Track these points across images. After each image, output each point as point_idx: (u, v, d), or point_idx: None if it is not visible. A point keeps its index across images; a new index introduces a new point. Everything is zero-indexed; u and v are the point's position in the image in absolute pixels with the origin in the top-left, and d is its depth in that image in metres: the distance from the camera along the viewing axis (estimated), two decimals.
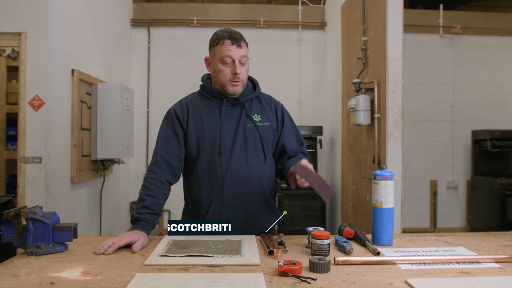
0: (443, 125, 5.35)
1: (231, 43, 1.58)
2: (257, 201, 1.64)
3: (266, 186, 1.67)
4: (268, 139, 1.68)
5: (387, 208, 1.43)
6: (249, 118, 1.66)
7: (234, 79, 1.60)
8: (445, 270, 1.16)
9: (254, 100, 1.73)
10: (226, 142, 1.61)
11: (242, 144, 1.63)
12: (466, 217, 5.40)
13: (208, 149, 1.61)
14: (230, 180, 1.60)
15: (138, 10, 5.31)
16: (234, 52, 1.58)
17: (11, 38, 2.98)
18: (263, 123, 1.68)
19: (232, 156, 1.61)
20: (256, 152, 1.65)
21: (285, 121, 1.77)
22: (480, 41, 5.37)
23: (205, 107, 1.68)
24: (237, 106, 1.68)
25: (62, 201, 3.22)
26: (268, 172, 1.69)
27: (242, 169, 1.61)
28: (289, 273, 1.08)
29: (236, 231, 1.59)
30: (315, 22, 5.38)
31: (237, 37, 1.60)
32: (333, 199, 4.95)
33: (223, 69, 1.61)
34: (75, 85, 3.40)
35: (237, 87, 1.63)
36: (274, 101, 1.80)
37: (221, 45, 1.59)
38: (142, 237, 1.41)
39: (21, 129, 2.95)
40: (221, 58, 1.60)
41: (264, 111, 1.71)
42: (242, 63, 1.61)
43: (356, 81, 3.54)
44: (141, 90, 5.24)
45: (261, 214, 1.66)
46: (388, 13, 3.10)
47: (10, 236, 1.30)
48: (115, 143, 3.78)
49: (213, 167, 1.61)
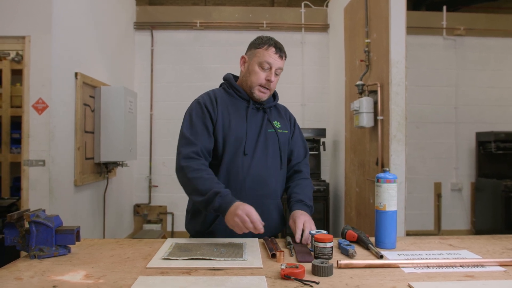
0: (447, 127, 5.33)
1: (275, 51, 1.62)
2: (271, 205, 1.66)
3: (279, 192, 1.70)
4: (285, 146, 1.71)
5: (391, 211, 1.42)
6: (270, 124, 1.69)
7: (265, 86, 1.63)
8: (449, 274, 1.15)
9: (273, 108, 1.77)
10: (250, 143, 1.62)
11: (263, 147, 1.64)
12: (471, 219, 5.37)
13: (233, 147, 1.60)
14: (250, 181, 1.60)
15: (141, 13, 5.33)
16: (274, 60, 1.62)
17: (15, 41, 3.00)
18: (282, 131, 1.71)
19: (254, 157, 1.61)
20: (274, 158, 1.67)
21: (296, 131, 1.82)
22: (484, 43, 5.35)
23: (231, 104, 1.66)
24: (260, 111, 1.70)
25: (65, 204, 3.23)
26: (282, 178, 1.72)
27: (262, 172, 1.62)
28: (292, 277, 1.07)
29: (249, 233, 1.52)
30: (318, 24, 5.38)
31: (281, 47, 1.65)
32: (337, 201, 4.93)
33: (259, 72, 1.62)
34: (79, 88, 3.41)
35: (265, 95, 1.65)
36: (289, 113, 1.86)
37: (265, 50, 1.62)
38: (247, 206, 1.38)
39: (25, 132, 2.96)
40: (260, 61, 1.62)
41: (282, 119, 1.76)
42: (277, 73, 1.65)
43: (359, 83, 3.53)
44: (144, 93, 5.26)
45: (273, 218, 1.66)
46: (391, 16, 3.10)
47: (13, 239, 1.30)
48: (118, 146, 3.80)
49: (235, 166, 1.60)
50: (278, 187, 1.69)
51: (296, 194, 1.67)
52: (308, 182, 1.75)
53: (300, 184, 1.73)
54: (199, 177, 1.48)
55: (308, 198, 1.67)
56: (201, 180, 1.48)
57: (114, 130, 3.80)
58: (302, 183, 1.73)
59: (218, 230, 1.59)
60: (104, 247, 1.42)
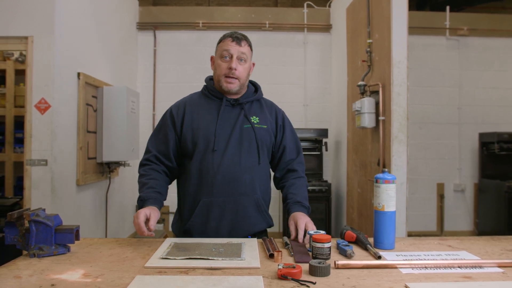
0: (450, 128, 5.31)
1: (231, 40, 1.63)
2: (246, 201, 1.62)
3: (258, 188, 1.66)
4: (264, 141, 1.68)
5: (389, 211, 1.42)
6: (246, 119, 1.67)
7: (229, 74, 1.62)
8: (446, 275, 1.14)
9: (255, 103, 1.74)
10: (220, 140, 1.62)
11: (237, 143, 1.63)
12: (474, 221, 5.34)
13: (202, 145, 1.62)
14: (221, 178, 1.59)
15: (144, 14, 5.35)
16: (232, 47, 1.62)
17: (18, 42, 3.02)
18: (261, 126, 1.68)
19: (225, 154, 1.61)
20: (250, 153, 1.64)
21: (286, 127, 1.77)
22: (487, 43, 5.33)
23: (204, 105, 1.69)
24: (236, 107, 1.68)
25: (67, 204, 3.25)
26: (261, 174, 1.68)
27: (234, 168, 1.60)
28: (289, 277, 1.08)
29: (223, 230, 1.60)
30: (321, 24, 5.38)
31: (239, 36, 1.64)
32: (339, 202, 4.93)
33: (221, 64, 1.64)
34: (81, 88, 3.43)
35: (233, 85, 1.64)
36: (276, 107, 1.81)
37: (223, 42, 1.65)
38: (153, 210, 1.47)
39: (27, 132, 2.98)
40: (220, 53, 1.64)
41: (263, 114, 1.72)
42: (242, 59, 1.64)
43: (361, 84, 3.53)
44: (147, 93, 5.28)
45: (250, 216, 1.63)
46: (392, 16, 3.09)
47: (13, 238, 1.31)
48: (120, 146, 3.81)
49: (205, 163, 1.61)
50: (255, 183, 1.65)
51: (292, 195, 1.67)
52: (303, 181, 1.74)
53: (295, 183, 1.72)
54: (140, 181, 1.65)
55: (305, 199, 1.67)
56: (140, 184, 1.65)
57: (116, 130, 3.81)
58: (297, 183, 1.72)
59: (193, 228, 1.62)
60: (104, 246, 1.43)
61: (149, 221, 1.42)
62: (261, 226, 1.68)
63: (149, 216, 1.43)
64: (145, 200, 1.54)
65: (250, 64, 1.69)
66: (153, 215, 1.44)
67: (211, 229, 1.60)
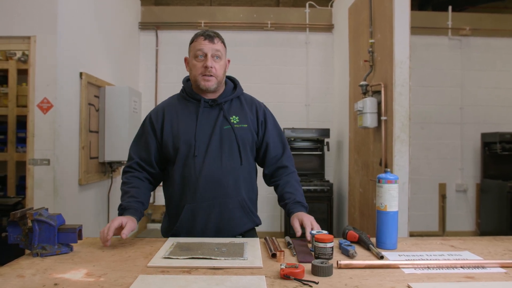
0: (452, 128, 5.30)
1: (204, 38, 1.59)
2: (230, 204, 1.62)
3: (242, 189, 1.65)
4: (245, 141, 1.65)
5: (392, 211, 1.42)
6: (226, 120, 1.64)
7: (206, 73, 1.59)
8: (449, 275, 1.14)
9: (234, 101, 1.70)
10: (200, 145, 1.60)
11: (217, 146, 1.61)
12: (476, 221, 5.33)
13: (183, 151, 1.61)
14: (204, 182, 1.58)
15: (146, 14, 5.36)
16: (206, 46, 1.58)
17: (20, 42, 3.03)
18: (241, 125, 1.65)
19: (206, 158, 1.59)
20: (232, 155, 1.62)
21: (268, 122, 1.73)
22: (489, 43, 5.32)
23: (182, 109, 1.67)
24: (215, 108, 1.65)
25: (70, 203, 3.26)
26: (245, 175, 1.66)
27: (216, 171, 1.59)
28: (291, 276, 1.08)
29: (210, 233, 1.60)
30: (323, 24, 5.37)
31: (211, 33, 1.61)
32: (340, 202, 4.93)
33: (196, 64, 1.60)
34: (83, 88, 3.44)
35: (210, 82, 1.60)
36: (256, 102, 1.76)
37: (195, 42, 1.61)
38: (130, 220, 1.46)
39: (30, 132, 2.99)
40: (194, 53, 1.61)
41: (243, 112, 1.69)
42: (217, 56, 1.61)
43: (363, 84, 3.53)
44: (148, 93, 5.28)
45: (235, 217, 1.63)
46: (395, 16, 3.09)
47: (16, 237, 1.32)
48: (122, 146, 3.82)
49: (187, 169, 1.60)
50: (239, 185, 1.63)
51: (290, 195, 1.65)
52: (296, 178, 1.73)
53: (289, 182, 1.70)
54: (122, 189, 1.65)
55: (303, 198, 1.67)
56: (122, 192, 1.64)
57: (118, 130, 3.82)
58: (291, 180, 1.70)
59: (179, 234, 1.62)
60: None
61: (123, 229, 1.40)
62: (248, 226, 1.67)
63: (124, 225, 1.42)
64: (125, 209, 1.54)
65: (225, 61, 1.67)
66: (128, 225, 1.42)
67: (197, 233, 1.60)
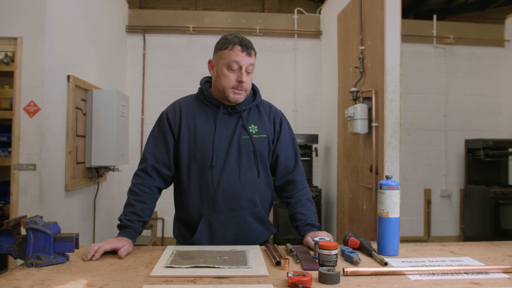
0: (437, 134, 5.39)
1: (241, 50, 1.51)
2: (248, 216, 1.59)
3: (259, 201, 1.62)
4: (263, 152, 1.61)
5: (393, 218, 1.42)
6: (244, 129, 1.59)
7: (238, 87, 1.53)
8: (455, 281, 1.14)
9: (253, 109, 1.65)
10: (219, 154, 1.55)
11: (236, 157, 1.57)
12: (460, 226, 5.42)
13: (200, 160, 1.56)
14: (222, 195, 1.55)
15: (134, 17, 5.29)
16: (242, 59, 1.51)
17: (6, 43, 2.94)
18: (260, 135, 1.61)
19: (224, 169, 1.55)
20: (250, 166, 1.59)
21: (282, 132, 1.69)
22: (473, 52, 5.45)
23: (200, 112, 1.60)
24: (234, 115, 1.60)
25: (56, 209, 3.16)
26: (261, 187, 1.63)
27: (234, 184, 1.55)
28: (300, 285, 1.06)
29: (228, 243, 1.57)
30: (311, 30, 5.41)
31: (248, 44, 1.53)
32: (328, 207, 4.94)
33: (228, 75, 1.52)
34: (71, 91, 3.36)
35: (240, 96, 1.55)
36: (274, 111, 1.71)
37: (230, 50, 1.51)
38: (127, 243, 1.41)
39: (15, 136, 2.89)
40: (228, 63, 1.52)
41: (262, 121, 1.64)
42: (248, 71, 1.54)
43: (354, 90, 3.56)
44: (135, 97, 5.20)
45: (252, 228, 1.61)
46: (386, 24, 3.13)
47: (9, 247, 1.25)
48: (110, 150, 3.74)
49: (204, 179, 1.55)
50: (256, 197, 1.60)
51: (302, 216, 1.61)
52: (308, 195, 1.68)
53: (301, 200, 1.65)
54: (128, 197, 1.58)
55: (315, 218, 1.63)
56: (127, 201, 1.58)
57: (106, 134, 3.74)
58: (303, 199, 1.65)
59: (201, 238, 1.57)
60: (103, 254, 1.38)
61: (119, 251, 1.35)
62: (264, 237, 1.65)
63: (120, 249, 1.37)
64: (126, 227, 1.51)
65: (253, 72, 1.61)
66: (124, 249, 1.37)
67: (217, 243, 1.57)
